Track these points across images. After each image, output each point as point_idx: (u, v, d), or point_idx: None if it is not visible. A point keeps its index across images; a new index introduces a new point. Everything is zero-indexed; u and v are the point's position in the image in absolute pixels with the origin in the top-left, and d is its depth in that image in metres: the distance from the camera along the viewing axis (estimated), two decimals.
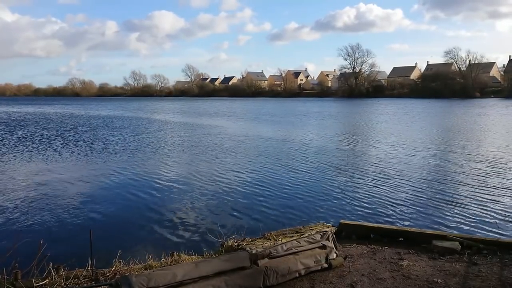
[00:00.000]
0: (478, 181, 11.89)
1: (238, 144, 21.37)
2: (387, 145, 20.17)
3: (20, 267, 4.30)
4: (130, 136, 25.63)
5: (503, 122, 32.79)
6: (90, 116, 46.80)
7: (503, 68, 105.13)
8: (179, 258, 4.87)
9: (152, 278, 3.55)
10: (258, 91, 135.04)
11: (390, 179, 12.35)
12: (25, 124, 34.74)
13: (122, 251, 5.09)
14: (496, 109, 51.57)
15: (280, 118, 40.98)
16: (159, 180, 12.67)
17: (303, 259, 4.41)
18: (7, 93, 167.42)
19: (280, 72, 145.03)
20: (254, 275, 4.05)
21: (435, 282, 4.18)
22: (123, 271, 4.44)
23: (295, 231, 5.62)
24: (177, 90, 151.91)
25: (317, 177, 12.84)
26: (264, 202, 10.04)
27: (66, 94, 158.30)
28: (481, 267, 4.51)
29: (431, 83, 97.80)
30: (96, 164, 15.57)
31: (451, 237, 5.32)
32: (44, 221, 8.78)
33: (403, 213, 9.01)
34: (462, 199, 9.98)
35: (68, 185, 12.20)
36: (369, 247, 5.35)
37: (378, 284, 4.18)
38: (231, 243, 5.23)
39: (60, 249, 6.88)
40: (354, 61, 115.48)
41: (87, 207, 9.83)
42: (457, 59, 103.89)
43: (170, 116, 46.95)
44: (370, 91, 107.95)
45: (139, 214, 9.31)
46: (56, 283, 4.13)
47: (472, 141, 21.57)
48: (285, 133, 26.88)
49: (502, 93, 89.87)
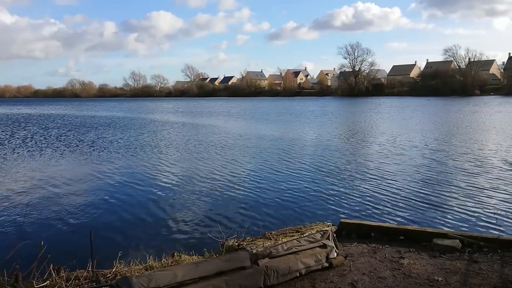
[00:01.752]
0: (478, 179, 11.89)
1: (237, 143, 21.36)
2: (387, 144, 20.16)
3: (20, 269, 4.30)
4: (130, 136, 25.62)
5: (506, 120, 32.82)
6: (90, 116, 46.81)
7: (502, 65, 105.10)
8: (180, 259, 4.87)
9: (153, 279, 3.55)
10: (258, 90, 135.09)
11: (390, 178, 12.34)
12: (25, 125, 34.76)
13: (123, 252, 5.10)
14: (503, 107, 51.63)
15: (278, 117, 40.99)
16: (159, 181, 12.67)
17: (304, 258, 4.41)
18: (7, 95, 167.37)
19: (279, 71, 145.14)
20: (255, 275, 4.05)
21: (436, 280, 4.18)
22: (123, 272, 4.44)
23: (296, 231, 5.62)
24: (177, 90, 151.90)
25: (317, 176, 12.84)
26: (264, 202, 10.04)
27: (66, 95, 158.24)
28: (482, 265, 4.51)
29: (430, 81, 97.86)
30: (96, 165, 15.57)
31: (451, 235, 5.31)
32: (44, 223, 8.78)
33: (403, 211, 9.01)
34: (463, 197, 9.97)
35: (68, 186, 12.20)
36: (369, 246, 5.35)
37: (379, 283, 4.17)
38: (232, 243, 5.23)
39: (60, 250, 6.88)
40: (353, 60, 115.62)
41: (87, 208, 9.83)
42: (456, 57, 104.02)
43: (170, 116, 46.95)
44: (370, 90, 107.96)
45: (139, 214, 9.31)
46: (56, 285, 4.12)
47: (472, 139, 21.56)
48: (284, 132, 26.88)
49: (502, 91, 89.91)
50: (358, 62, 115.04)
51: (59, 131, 29.88)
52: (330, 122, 34.79)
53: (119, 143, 22.12)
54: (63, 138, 25.16)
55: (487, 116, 37.15)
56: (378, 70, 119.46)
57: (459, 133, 24.46)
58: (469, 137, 22.15)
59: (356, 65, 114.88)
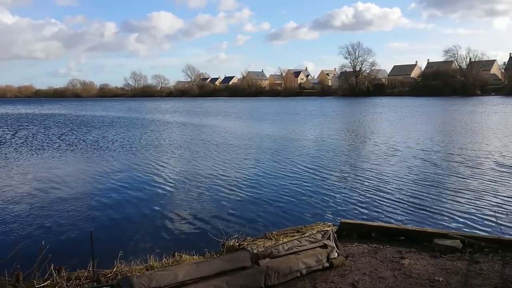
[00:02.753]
0: (479, 180, 11.87)
1: (238, 143, 21.36)
2: (387, 144, 20.15)
3: (21, 269, 4.30)
4: (131, 136, 25.63)
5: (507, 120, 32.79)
6: (92, 116, 46.84)
7: (503, 65, 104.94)
8: (180, 259, 4.87)
9: (154, 279, 3.55)
10: (259, 90, 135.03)
11: (391, 178, 12.33)
12: (27, 125, 34.79)
13: (123, 252, 5.09)
14: (500, 107, 51.55)
15: (278, 117, 40.97)
16: (160, 180, 12.67)
17: (305, 258, 4.40)
18: (8, 95, 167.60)
19: (280, 71, 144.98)
20: (256, 275, 4.05)
21: (436, 281, 4.17)
22: (124, 271, 4.44)
23: (296, 231, 5.62)
24: (178, 90, 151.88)
25: (318, 176, 12.83)
26: (265, 202, 10.04)
27: (67, 95, 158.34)
28: (483, 265, 4.50)
29: (431, 82, 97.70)
30: (97, 165, 15.57)
31: (452, 236, 5.31)
32: (45, 223, 8.78)
33: (404, 211, 9.00)
34: (463, 197, 9.96)
35: (68, 186, 12.20)
36: (370, 246, 5.35)
37: (379, 283, 4.17)
38: (232, 243, 5.23)
39: (61, 250, 6.89)
40: (354, 60, 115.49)
41: (88, 208, 9.83)
42: (457, 57, 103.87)
43: (171, 116, 46.96)
44: (371, 90, 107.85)
45: (140, 214, 9.31)
46: (57, 285, 4.13)
47: (472, 140, 21.54)
48: (285, 132, 26.87)
49: (503, 91, 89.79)
50: (359, 62, 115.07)
51: (60, 130, 29.90)
52: (331, 122, 34.77)
53: (120, 143, 22.12)
54: (64, 137, 25.16)
55: (484, 116, 37.09)
56: (379, 70, 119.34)
57: (459, 133, 24.43)
58: (469, 138, 22.14)
59: (357, 65, 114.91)
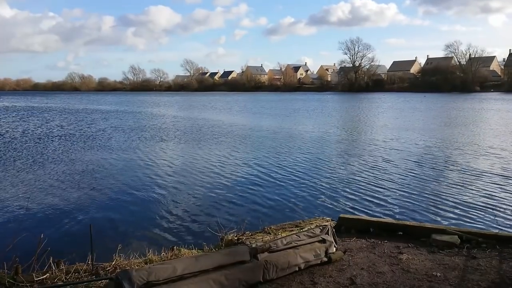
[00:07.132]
0: (477, 176, 11.91)
1: (237, 138, 21.35)
2: (385, 139, 20.16)
3: (20, 262, 4.30)
4: (130, 130, 25.59)
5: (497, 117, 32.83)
6: (92, 110, 46.71)
7: (503, 62, 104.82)
8: (179, 252, 4.88)
9: (152, 272, 3.56)
10: (258, 85, 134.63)
11: (389, 173, 12.36)
12: (27, 118, 34.68)
13: (122, 246, 5.10)
14: (500, 104, 51.56)
15: (278, 112, 40.93)
16: (159, 174, 12.67)
17: (303, 253, 4.41)
18: (6, 88, 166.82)
19: (279, 66, 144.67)
20: (254, 269, 4.06)
21: (434, 276, 4.19)
22: (123, 265, 4.45)
23: (295, 225, 5.64)
24: (177, 84, 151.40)
25: (317, 171, 12.85)
26: (264, 196, 10.06)
27: (66, 88, 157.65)
28: (480, 261, 4.52)
29: (431, 77, 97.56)
30: (96, 159, 15.56)
31: (450, 231, 5.32)
32: (44, 216, 8.79)
33: (402, 207, 9.03)
34: (461, 193, 9.99)
35: (68, 179, 12.20)
36: (368, 241, 5.36)
37: (377, 278, 4.19)
38: (231, 237, 5.25)
39: (60, 243, 6.90)
40: (354, 55, 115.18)
41: (87, 202, 9.84)
42: (457, 53, 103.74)
43: (170, 110, 46.88)
44: (370, 85, 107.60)
45: (139, 208, 9.33)
46: (56, 277, 4.13)
47: (471, 135, 21.57)
48: (283, 127, 26.86)
49: (502, 87, 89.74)
50: (358, 58, 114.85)
51: (59, 123, 29.84)
52: (330, 118, 34.75)
53: (119, 137, 22.09)
54: (63, 130, 25.11)
55: (480, 113, 37.11)
56: (378, 65, 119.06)
57: (457, 129, 24.46)
58: (468, 134, 22.16)
59: (356, 61, 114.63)
